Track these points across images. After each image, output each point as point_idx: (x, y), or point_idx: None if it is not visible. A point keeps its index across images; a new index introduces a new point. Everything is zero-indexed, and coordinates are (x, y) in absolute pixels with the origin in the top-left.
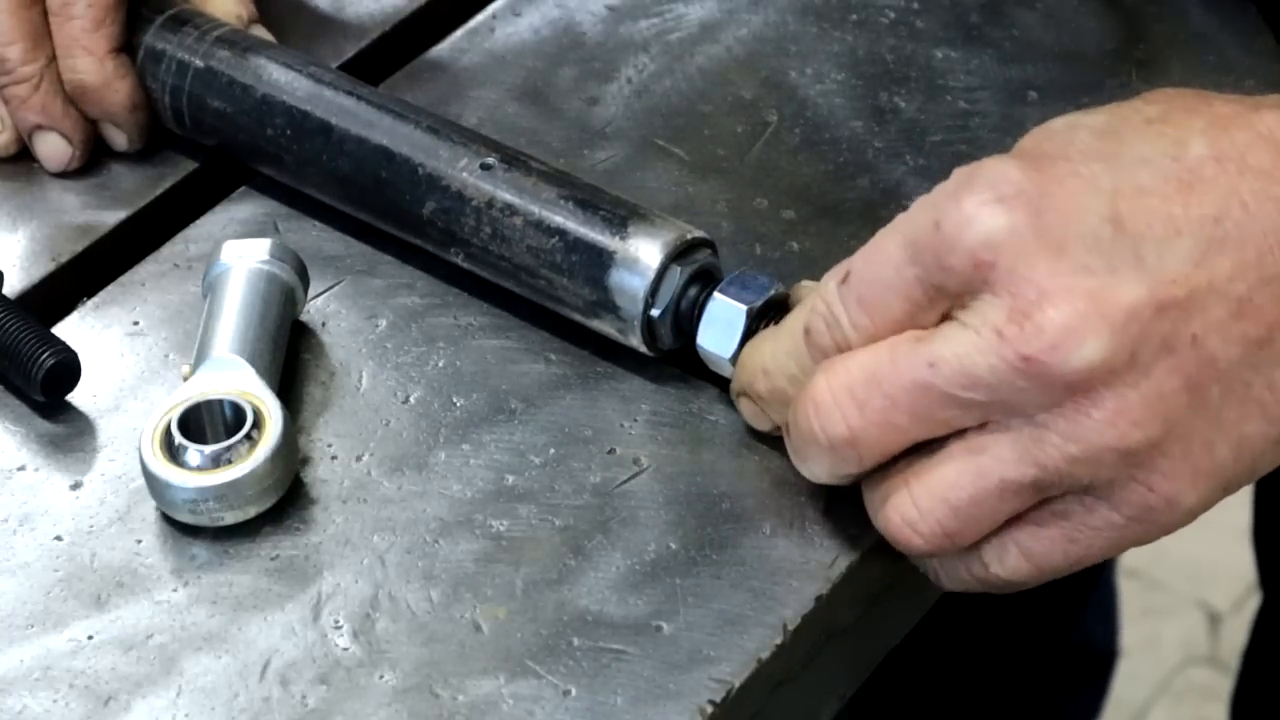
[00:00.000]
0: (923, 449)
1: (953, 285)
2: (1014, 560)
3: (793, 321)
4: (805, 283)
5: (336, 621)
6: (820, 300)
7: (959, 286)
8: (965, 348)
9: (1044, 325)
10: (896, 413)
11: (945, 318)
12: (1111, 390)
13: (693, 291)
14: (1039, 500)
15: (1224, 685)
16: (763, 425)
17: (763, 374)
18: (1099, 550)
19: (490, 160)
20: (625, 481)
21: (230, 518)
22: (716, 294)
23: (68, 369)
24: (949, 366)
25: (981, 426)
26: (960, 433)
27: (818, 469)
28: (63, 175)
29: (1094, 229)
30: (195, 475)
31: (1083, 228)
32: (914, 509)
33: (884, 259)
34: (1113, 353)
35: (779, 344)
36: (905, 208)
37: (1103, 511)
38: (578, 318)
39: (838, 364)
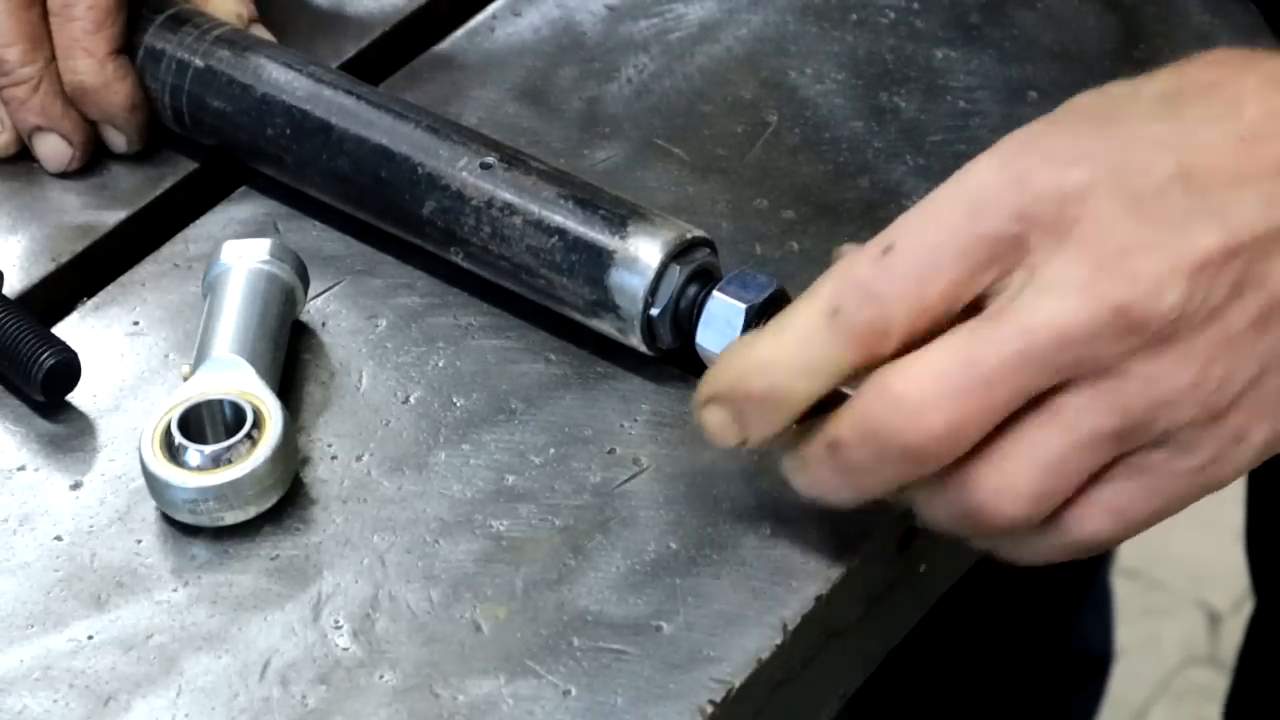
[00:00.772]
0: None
1: (1033, 236)
2: (1098, 520)
3: (797, 316)
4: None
5: (336, 621)
6: (849, 279)
7: (1036, 238)
8: (1054, 307)
9: (1130, 275)
10: (995, 392)
11: (978, 303)
12: (1189, 333)
13: (692, 291)
14: (1118, 455)
15: (1223, 685)
16: (731, 439)
17: (759, 371)
18: (1179, 498)
19: (490, 160)
20: (625, 481)
21: (230, 518)
22: (716, 293)
23: (68, 369)
24: (1043, 331)
25: (1060, 386)
26: (1035, 398)
27: (874, 481)
28: (63, 175)
29: (1164, 184)
30: (195, 475)
31: (1154, 183)
32: (1001, 477)
33: (938, 222)
34: (1189, 297)
35: (783, 337)
36: (905, 208)
37: (1182, 458)
38: (578, 317)
39: (912, 361)
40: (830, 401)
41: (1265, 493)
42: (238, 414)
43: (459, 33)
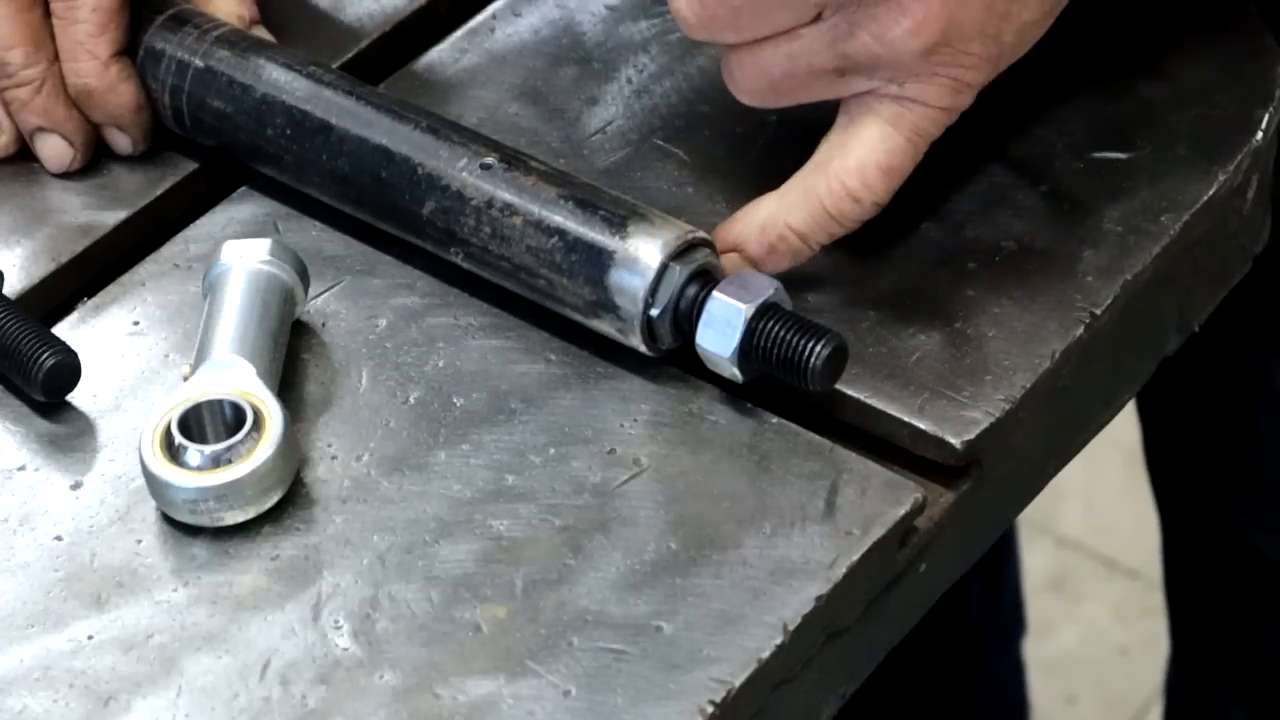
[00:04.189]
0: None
1: None
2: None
3: None
4: None
5: (336, 621)
6: None
7: None
8: None
9: None
10: (732, 5)
11: None
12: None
13: (692, 291)
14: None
15: None
16: None
17: None
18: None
19: (490, 160)
20: (625, 481)
21: (230, 518)
22: (715, 293)
23: (68, 369)
24: None
25: (805, 23)
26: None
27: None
28: (64, 176)
29: None
30: (195, 475)
31: None
32: (737, 71)
33: None
34: None
35: None
36: (905, 208)
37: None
38: (578, 318)
39: None
40: None
41: (1179, 553)
42: (238, 414)
43: (459, 33)
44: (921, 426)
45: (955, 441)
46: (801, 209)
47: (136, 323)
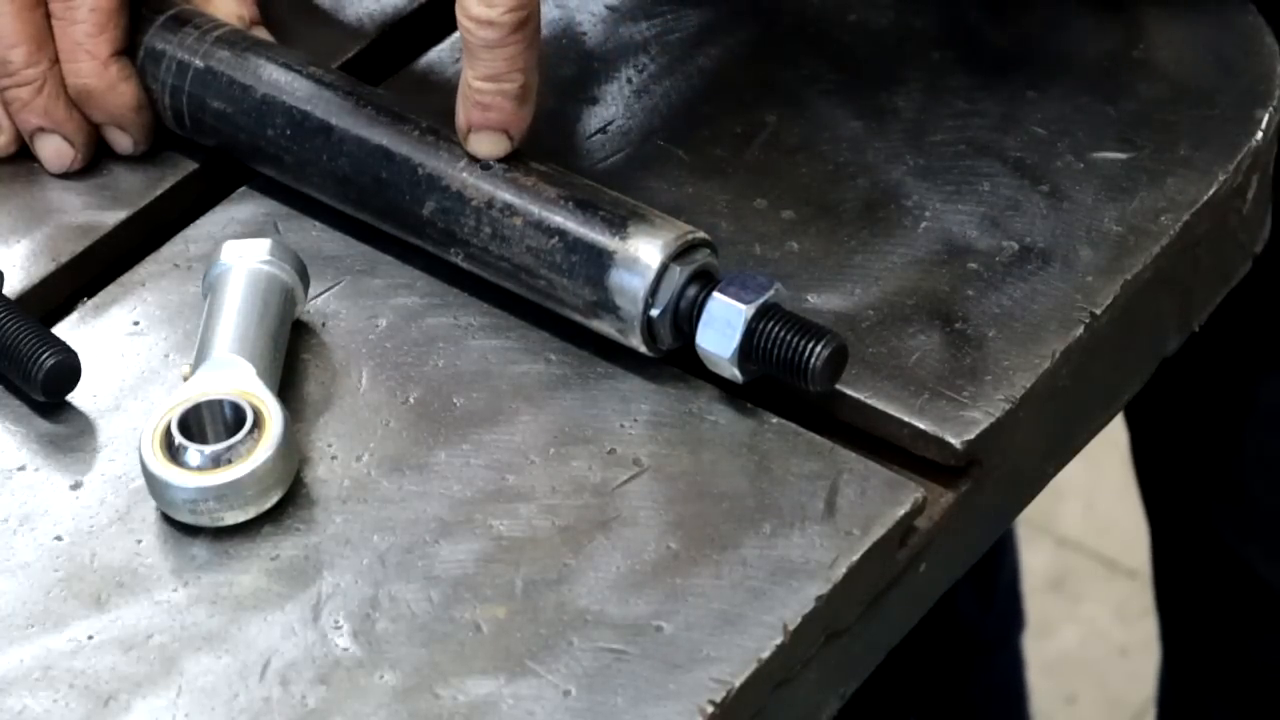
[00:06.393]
0: None
1: None
2: None
3: None
4: None
5: (336, 621)
6: None
7: None
8: None
9: None
10: None
11: None
12: None
13: (692, 291)
14: None
15: None
16: None
17: None
18: None
19: (490, 160)
20: (625, 481)
21: (230, 518)
22: (715, 294)
23: (68, 369)
24: None
25: None
26: None
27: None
28: (64, 176)
29: None
30: (195, 475)
31: None
32: None
33: None
34: None
35: None
36: (905, 208)
37: None
38: (578, 318)
39: None
40: None
41: (1169, 549)
42: (238, 414)
43: (459, 33)
44: (921, 426)
45: (955, 441)
46: (466, 58)
47: (136, 323)
